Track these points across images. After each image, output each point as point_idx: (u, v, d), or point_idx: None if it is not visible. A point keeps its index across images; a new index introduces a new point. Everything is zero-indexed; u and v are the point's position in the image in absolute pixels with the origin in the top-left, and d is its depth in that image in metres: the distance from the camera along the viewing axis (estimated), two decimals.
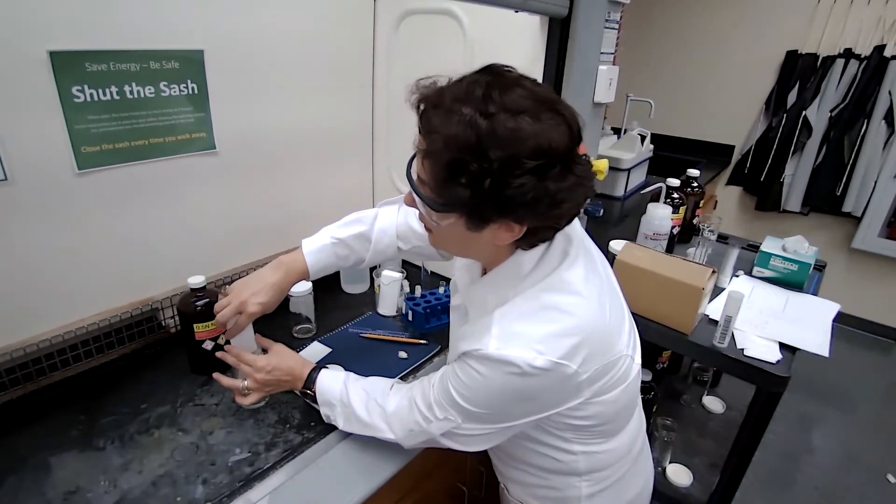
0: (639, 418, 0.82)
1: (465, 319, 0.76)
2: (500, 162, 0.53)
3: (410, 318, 1.19)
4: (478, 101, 0.54)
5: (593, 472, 0.75)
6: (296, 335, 1.14)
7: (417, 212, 0.67)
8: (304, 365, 0.87)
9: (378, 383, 0.82)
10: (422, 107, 0.59)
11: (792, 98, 2.71)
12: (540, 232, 0.62)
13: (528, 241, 0.63)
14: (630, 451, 0.78)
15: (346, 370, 1.00)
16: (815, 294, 1.37)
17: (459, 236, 0.63)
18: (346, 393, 0.81)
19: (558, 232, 0.65)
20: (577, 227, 0.71)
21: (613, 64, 1.23)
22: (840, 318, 1.25)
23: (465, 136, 0.53)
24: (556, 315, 0.62)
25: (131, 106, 0.95)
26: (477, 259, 0.73)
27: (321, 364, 0.88)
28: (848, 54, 2.53)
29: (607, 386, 0.66)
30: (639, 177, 2.37)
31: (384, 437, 0.77)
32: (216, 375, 0.86)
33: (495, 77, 0.57)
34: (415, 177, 0.64)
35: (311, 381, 0.85)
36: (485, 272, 0.73)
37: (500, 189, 0.54)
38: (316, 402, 0.84)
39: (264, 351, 0.90)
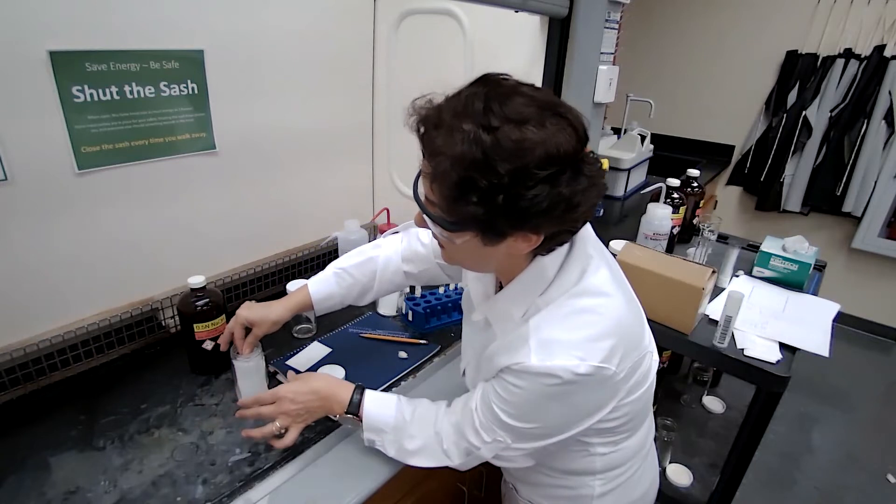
0: (651, 416, 0.82)
1: (491, 335, 0.72)
2: (510, 175, 0.51)
3: (410, 318, 1.19)
4: (478, 114, 0.52)
5: (608, 471, 0.75)
6: (296, 335, 1.14)
7: (425, 232, 0.65)
8: (337, 385, 0.81)
9: (430, 407, 0.78)
10: (422, 129, 0.57)
11: (792, 98, 2.71)
12: (557, 236, 0.61)
13: (545, 247, 0.62)
14: (642, 449, 0.79)
15: (345, 370, 1.01)
16: (815, 294, 1.37)
17: (475, 252, 0.61)
18: (402, 419, 0.77)
19: (575, 234, 0.64)
20: (589, 229, 0.71)
21: (613, 64, 1.23)
22: (840, 318, 1.25)
23: (471, 153, 0.52)
24: (591, 318, 0.62)
25: (131, 106, 0.95)
26: (495, 272, 0.71)
27: (357, 383, 0.81)
28: (848, 54, 2.53)
29: (635, 384, 0.67)
30: (639, 177, 2.37)
31: (441, 465, 0.75)
32: (246, 433, 0.78)
33: (493, 87, 0.55)
34: (422, 197, 0.61)
35: (354, 405, 0.78)
36: (498, 282, 0.72)
37: (514, 202, 0.53)
38: (355, 425, 0.80)
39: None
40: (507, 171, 0.51)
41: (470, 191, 0.53)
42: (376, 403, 0.78)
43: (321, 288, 0.91)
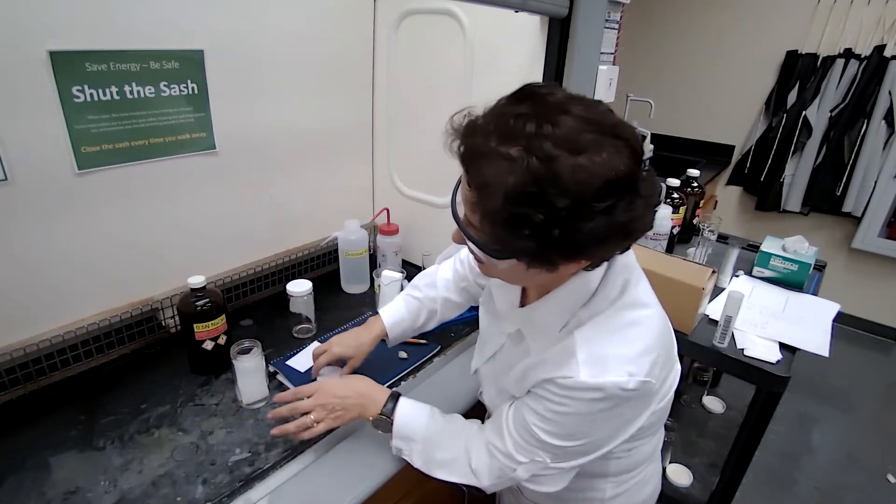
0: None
1: (524, 349, 0.69)
2: (567, 210, 0.47)
3: None
4: (530, 138, 0.48)
5: (621, 474, 0.75)
6: (296, 335, 1.14)
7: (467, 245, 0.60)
8: (375, 388, 0.80)
9: (463, 424, 0.77)
10: (464, 153, 0.52)
11: (792, 98, 2.71)
12: (608, 256, 0.59)
13: (593, 266, 0.59)
14: (654, 452, 0.79)
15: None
16: (815, 294, 1.37)
17: (519, 273, 0.58)
18: (432, 430, 0.75)
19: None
20: None
21: (613, 64, 1.23)
22: (840, 318, 1.25)
23: (525, 186, 0.47)
24: (639, 331, 0.60)
25: (131, 106, 0.95)
26: (535, 286, 0.68)
27: (395, 390, 0.81)
28: (848, 54, 2.53)
29: (664, 392, 0.66)
30: None
31: (467, 483, 0.73)
32: (279, 430, 0.78)
33: (539, 104, 0.50)
34: (461, 215, 0.57)
35: (389, 408, 0.77)
36: (523, 288, 0.70)
37: (570, 236, 0.49)
38: (385, 430, 0.78)
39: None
40: (565, 205, 0.47)
41: (523, 226, 0.49)
42: (409, 410, 0.77)
43: (393, 314, 0.94)
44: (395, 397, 0.78)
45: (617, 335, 0.60)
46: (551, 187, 0.47)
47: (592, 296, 0.61)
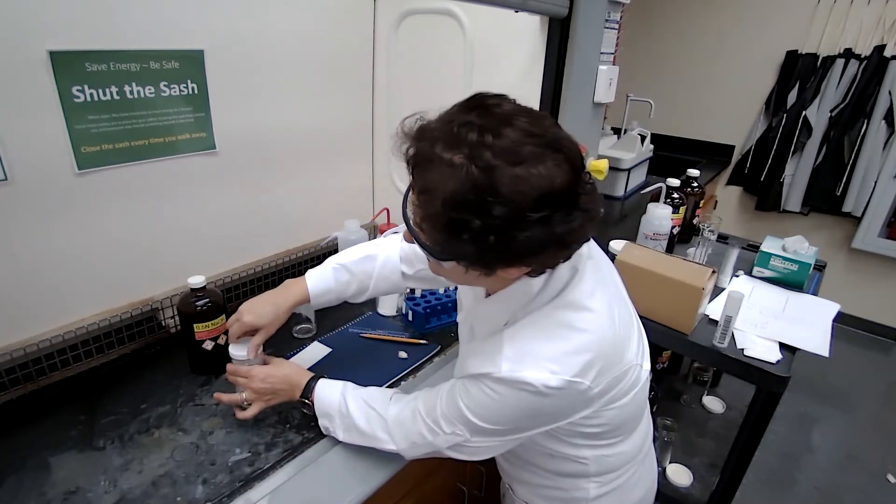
0: (647, 421, 0.82)
1: (472, 335, 0.74)
2: (503, 218, 0.50)
3: (410, 318, 1.19)
4: (472, 146, 0.50)
5: (603, 475, 0.75)
6: (296, 335, 1.14)
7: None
8: (302, 374, 0.86)
9: (377, 393, 0.81)
10: (411, 157, 0.55)
11: (792, 98, 2.71)
12: (549, 264, 0.60)
13: (536, 272, 0.61)
14: (638, 454, 0.79)
15: (346, 370, 1.00)
16: (815, 294, 1.37)
17: (461, 275, 0.61)
18: (344, 404, 0.80)
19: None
20: None
21: (613, 64, 1.23)
22: (840, 318, 1.25)
23: (464, 193, 0.50)
24: (568, 333, 0.61)
25: (131, 106, 0.95)
26: (482, 287, 0.71)
27: (320, 374, 0.86)
28: (848, 54, 2.53)
29: (617, 395, 0.66)
30: (639, 177, 2.37)
31: (385, 449, 0.76)
32: (217, 395, 0.87)
33: (485, 115, 0.53)
34: (411, 218, 0.60)
35: (308, 390, 0.83)
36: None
37: (506, 243, 0.52)
38: (314, 412, 0.83)
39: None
40: (501, 214, 0.50)
41: (461, 231, 0.52)
42: (325, 389, 0.83)
43: (318, 283, 0.90)
44: (316, 378, 0.84)
45: (542, 334, 0.61)
46: (489, 195, 0.49)
47: (534, 297, 0.64)
